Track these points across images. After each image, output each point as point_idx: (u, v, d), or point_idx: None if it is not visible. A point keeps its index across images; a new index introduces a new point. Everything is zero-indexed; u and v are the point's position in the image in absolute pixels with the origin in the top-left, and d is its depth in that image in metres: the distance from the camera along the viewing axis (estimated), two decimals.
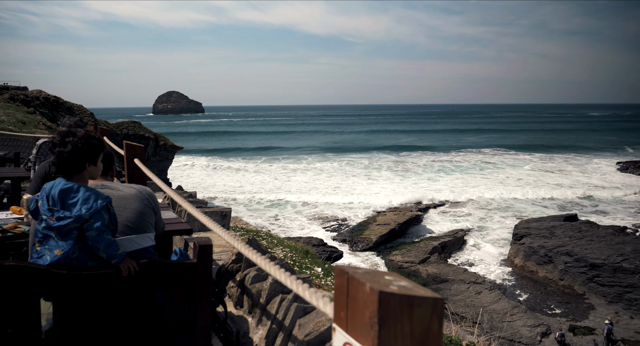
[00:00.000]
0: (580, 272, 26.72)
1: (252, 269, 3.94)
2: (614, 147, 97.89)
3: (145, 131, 42.79)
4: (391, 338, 1.12)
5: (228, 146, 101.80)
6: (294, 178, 59.87)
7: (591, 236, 29.41)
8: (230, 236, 2.75)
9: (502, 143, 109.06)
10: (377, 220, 37.90)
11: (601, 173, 65.90)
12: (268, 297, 3.55)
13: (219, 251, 6.29)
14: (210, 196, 49.03)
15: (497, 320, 21.70)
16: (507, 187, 54.96)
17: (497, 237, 36.32)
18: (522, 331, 21.00)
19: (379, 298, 1.10)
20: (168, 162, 45.41)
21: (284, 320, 3.22)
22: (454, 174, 64.31)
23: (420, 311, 1.14)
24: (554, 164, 75.04)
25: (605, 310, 24.05)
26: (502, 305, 23.13)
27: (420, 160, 78.78)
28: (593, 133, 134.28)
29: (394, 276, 1.30)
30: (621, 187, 54.22)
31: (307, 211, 43.43)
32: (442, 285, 26.44)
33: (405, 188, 54.23)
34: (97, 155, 2.97)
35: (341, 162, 75.70)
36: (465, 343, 6.37)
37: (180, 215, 8.22)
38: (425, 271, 28.70)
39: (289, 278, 1.83)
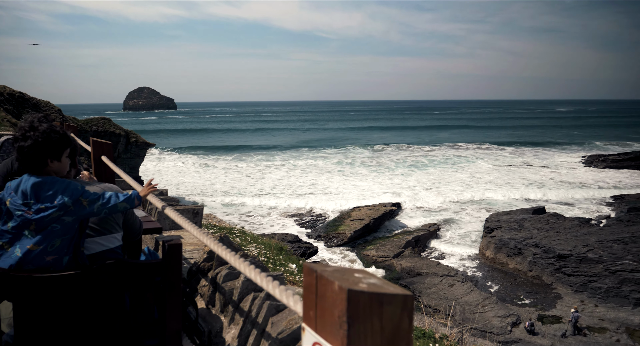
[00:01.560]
0: (548, 263, 27.47)
1: (224, 267, 3.88)
2: (579, 142, 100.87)
3: (116, 128, 41.74)
4: (361, 337, 1.10)
5: (201, 143, 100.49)
6: (268, 175, 59.58)
7: (558, 228, 30.26)
8: (202, 234, 2.69)
9: (474, 138, 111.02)
10: (352, 215, 38.08)
11: (567, 167, 67.85)
12: (240, 295, 3.50)
13: (191, 249, 6.19)
14: (182, 193, 48.37)
15: (469, 311, 22.13)
16: (479, 181, 56.02)
17: (469, 231, 36.98)
18: (494, 322, 21.47)
19: (348, 297, 1.08)
20: (139, 159, 44.47)
21: (257, 318, 3.18)
22: (428, 169, 65.13)
23: (390, 309, 1.13)
24: (524, 158, 76.85)
25: (572, 299, 24.80)
26: (474, 296, 23.59)
27: (394, 155, 79.48)
28: (560, 129, 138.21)
29: (364, 274, 1.28)
30: (585, 180, 55.99)
31: (282, 207, 43.30)
32: (415, 278, 26.78)
33: (380, 183, 54.66)
34: (60, 150, 2.85)
35: (315, 158, 75.71)
36: (438, 335, 6.46)
37: (150, 214, 8.06)
38: (400, 265, 29.01)
39: (259, 275, 1.80)
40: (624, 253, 25.49)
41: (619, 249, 25.94)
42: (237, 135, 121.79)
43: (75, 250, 2.81)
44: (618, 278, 24.51)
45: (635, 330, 21.73)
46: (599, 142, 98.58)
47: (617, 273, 24.66)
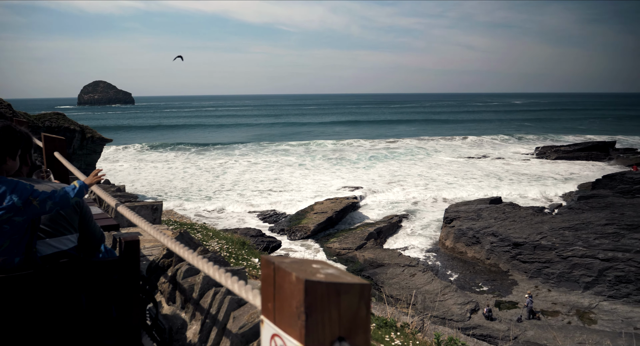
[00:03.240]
0: (504, 251, 28.46)
1: (183, 263, 3.82)
2: (533, 133, 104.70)
3: (70, 123, 40.10)
4: (319, 327, 1.11)
5: (159, 138, 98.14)
6: (229, 170, 58.91)
7: (514, 217, 31.37)
8: (156, 231, 2.63)
9: (434, 131, 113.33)
10: (315, 208, 38.20)
11: (522, 158, 70.39)
12: (201, 291, 3.46)
13: (150, 246, 6.06)
14: (141, 190, 47.19)
15: (430, 300, 22.69)
16: (439, 173, 57.29)
17: (429, 221, 37.82)
18: (453, 309, 22.09)
19: (305, 287, 1.09)
20: (96, 156, 42.98)
21: (218, 313, 3.15)
22: (389, 162, 66.04)
23: (347, 298, 1.14)
24: (482, 150, 79.11)
25: (527, 285, 25.83)
26: (434, 285, 24.18)
27: (355, 148, 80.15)
28: (516, 121, 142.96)
29: (322, 265, 1.29)
30: (539, 171, 58.26)
31: (244, 202, 42.94)
32: (378, 269, 27.20)
33: (341, 177, 55.05)
34: (16, 149, 2.80)
35: (277, 153, 75.42)
36: (400, 324, 6.60)
37: (107, 211, 7.84)
38: (362, 257, 29.37)
39: (217, 271, 1.78)
40: (574, 240, 26.71)
41: (570, 236, 27.16)
42: (197, 130, 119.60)
43: (27, 251, 2.71)
44: (569, 263, 25.67)
45: (584, 312, 22.87)
46: (552, 134, 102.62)
47: (568, 259, 25.83)
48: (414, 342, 5.95)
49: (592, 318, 22.37)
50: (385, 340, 5.70)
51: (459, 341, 6.85)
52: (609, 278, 24.22)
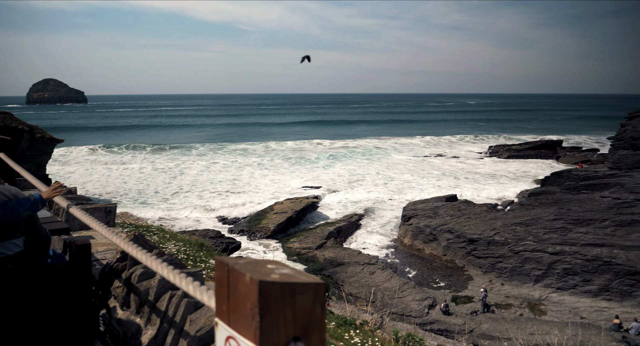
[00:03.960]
0: (460, 247, 29.28)
1: (138, 267, 3.73)
2: (486, 133, 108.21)
3: (18, 123, 38.18)
4: (273, 327, 1.11)
5: (114, 139, 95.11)
6: (186, 171, 57.79)
7: (469, 214, 32.32)
8: (111, 233, 2.56)
9: (392, 131, 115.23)
10: (274, 208, 38.05)
11: (476, 157, 72.65)
12: (157, 295, 3.38)
13: (103, 250, 5.87)
14: (94, 192, 45.59)
15: (389, 297, 23.06)
16: (397, 172, 58.28)
17: (388, 219, 38.41)
18: (412, 306, 22.54)
19: (260, 288, 1.09)
20: (46, 157, 41.12)
21: (175, 317, 3.10)
22: (348, 161, 66.61)
23: (302, 298, 1.15)
24: (437, 150, 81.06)
25: (481, 280, 26.69)
26: (393, 282, 24.58)
27: (315, 148, 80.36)
28: (470, 121, 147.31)
29: (277, 265, 1.29)
30: (492, 169, 60.32)
31: (202, 203, 42.24)
32: (338, 268, 27.39)
33: (301, 177, 55.08)
34: None
35: (236, 153, 74.64)
36: (359, 321, 6.67)
37: (58, 214, 7.54)
38: (323, 256, 29.49)
39: (172, 273, 1.75)
40: (525, 235, 27.81)
41: (522, 231, 28.26)
42: (153, 130, 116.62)
43: None
44: (521, 257, 26.70)
45: (535, 304, 23.85)
46: (504, 133, 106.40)
47: (520, 254, 26.86)
48: (373, 339, 6.03)
49: (542, 309, 23.36)
50: (345, 338, 5.75)
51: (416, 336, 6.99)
52: (558, 271, 25.36)
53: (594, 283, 24.28)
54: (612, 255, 24.50)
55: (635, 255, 24.21)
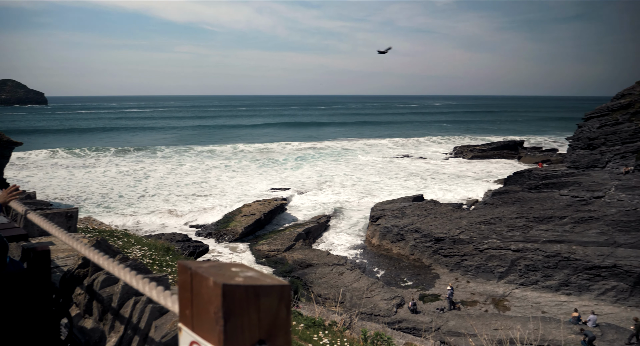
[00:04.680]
0: (427, 246, 29.77)
1: (101, 273, 3.63)
2: (451, 134, 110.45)
3: None
4: (238, 331, 1.10)
5: (77, 141, 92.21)
6: (152, 173, 56.62)
7: (435, 213, 32.89)
8: (71, 239, 2.48)
9: (360, 132, 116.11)
10: (243, 211, 37.74)
11: (441, 158, 74.03)
12: (120, 301, 3.30)
13: (64, 256, 5.69)
14: (55, 196, 44.10)
15: (358, 297, 23.22)
16: (364, 173, 58.76)
17: (356, 220, 38.67)
18: (380, 305, 22.76)
19: (223, 292, 1.08)
20: (4, 160, 39.46)
21: (139, 323, 3.03)
22: (316, 162, 66.72)
23: (267, 300, 1.15)
24: (404, 151, 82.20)
25: (448, 278, 27.20)
26: (362, 282, 24.76)
27: (283, 149, 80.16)
28: (436, 123, 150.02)
29: (241, 268, 1.28)
30: (457, 169, 61.62)
31: (169, 207, 41.49)
32: (307, 269, 27.39)
33: (269, 178, 54.84)
34: None
35: (203, 155, 73.65)
36: (328, 322, 6.68)
37: (15, 220, 7.27)
38: (292, 257, 29.43)
39: (135, 278, 1.72)
40: (489, 233, 28.52)
41: (486, 230, 28.96)
42: (117, 133, 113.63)
43: None
44: (485, 255, 27.37)
45: (499, 300, 24.49)
46: (468, 134, 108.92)
47: (484, 251, 27.52)
48: (342, 339, 6.06)
49: (506, 305, 24.00)
50: (314, 339, 5.76)
51: (384, 335, 7.06)
52: (520, 268, 26.11)
53: (554, 278, 25.12)
54: (570, 251, 25.41)
55: (592, 250, 25.18)
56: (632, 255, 24.28)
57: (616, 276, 23.73)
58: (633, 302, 23.05)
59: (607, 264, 24.04)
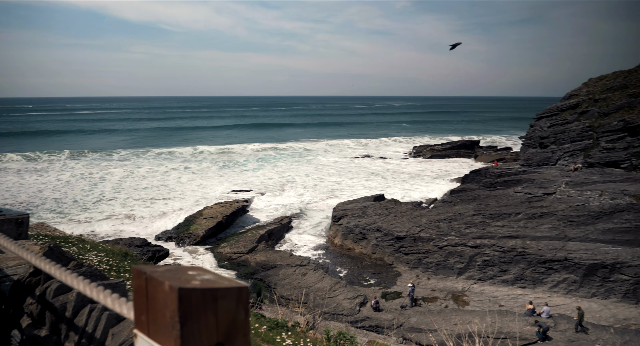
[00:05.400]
0: (388, 245, 30.20)
1: (53, 281, 3.50)
2: (410, 134, 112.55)
3: None
4: (195, 335, 1.09)
5: (27, 144, 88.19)
6: (108, 177, 54.90)
7: (396, 212, 33.41)
8: (18, 247, 2.38)
9: (321, 132, 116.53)
10: (204, 213, 37.16)
11: (401, 158, 75.29)
12: (75, 309, 3.19)
13: (14, 264, 5.44)
14: (5, 202, 42.06)
15: (321, 297, 23.29)
16: (326, 173, 59.01)
17: (318, 221, 38.79)
18: (344, 304, 22.92)
19: (179, 296, 1.07)
20: None
21: (95, 331, 2.94)
22: (277, 163, 66.49)
23: (225, 303, 1.14)
24: (365, 151, 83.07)
25: (409, 275, 27.69)
26: (325, 282, 24.86)
27: (243, 151, 79.44)
28: (395, 123, 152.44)
29: (198, 271, 1.27)
30: (416, 168, 62.84)
31: (127, 211, 40.35)
32: (270, 271, 27.25)
33: (230, 180, 54.22)
34: None
35: (161, 157, 72.02)
36: (291, 323, 6.67)
37: None
38: (254, 260, 29.21)
39: (88, 285, 1.67)
40: (448, 230, 29.22)
41: (445, 227, 29.66)
42: (71, 136, 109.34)
43: None
44: (445, 252, 28.02)
45: (459, 296, 25.13)
46: (427, 134, 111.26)
47: (444, 248, 28.18)
48: (305, 340, 6.07)
49: (465, 300, 24.65)
50: (277, 341, 5.74)
51: (347, 334, 7.12)
52: (478, 263, 26.89)
53: (510, 272, 26.01)
54: (525, 246, 26.37)
55: (545, 244, 26.23)
56: (582, 248, 25.46)
57: (567, 268, 24.81)
58: (583, 293, 24.17)
59: (559, 257, 25.10)
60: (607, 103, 42.99)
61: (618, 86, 44.47)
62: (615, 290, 23.54)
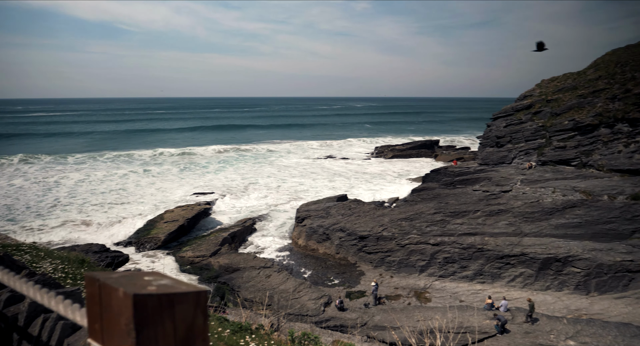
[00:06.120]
0: (352, 244, 30.45)
1: (4, 291, 3.35)
2: (372, 134, 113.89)
3: None
4: (151, 342, 1.08)
5: None
6: (63, 181, 52.92)
7: (359, 212, 33.72)
8: None
9: (283, 134, 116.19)
10: (165, 217, 36.38)
11: (363, 158, 76.05)
12: (27, 319, 3.07)
13: None
14: None
15: (286, 298, 23.24)
16: (290, 174, 58.90)
17: (282, 222, 38.67)
18: (308, 305, 22.94)
19: (134, 302, 1.06)
20: None
21: (49, 341, 2.84)
22: (240, 165, 65.88)
23: (182, 308, 1.13)
24: (328, 151, 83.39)
25: (372, 274, 28.01)
26: (289, 284, 24.82)
27: (205, 153, 78.25)
28: (357, 124, 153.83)
29: (155, 276, 1.25)
30: (378, 168, 63.64)
31: (83, 217, 39.02)
32: (234, 274, 26.97)
33: (192, 182, 53.31)
34: None
35: (119, 160, 70.03)
36: (255, 326, 6.63)
37: None
38: (217, 263, 28.83)
39: (39, 293, 1.61)
40: (410, 229, 29.73)
41: (407, 226, 30.16)
42: (23, 139, 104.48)
43: None
44: (407, 250, 28.50)
45: (421, 293, 25.61)
46: (388, 135, 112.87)
47: (406, 247, 28.66)
48: (269, 342, 6.04)
49: (427, 297, 25.16)
50: (240, 344, 5.69)
51: (311, 335, 7.14)
52: (439, 260, 27.49)
53: (470, 268, 26.72)
54: (483, 242, 27.16)
55: (502, 240, 27.10)
56: (537, 243, 26.45)
57: (523, 263, 25.72)
58: (538, 286, 25.11)
59: (515, 252, 25.99)
60: (558, 103, 44.82)
61: (568, 87, 46.46)
62: (568, 283, 24.58)
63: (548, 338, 18.39)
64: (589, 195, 30.32)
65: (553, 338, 18.34)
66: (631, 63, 44.61)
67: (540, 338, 18.46)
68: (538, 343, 18.18)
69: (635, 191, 29.54)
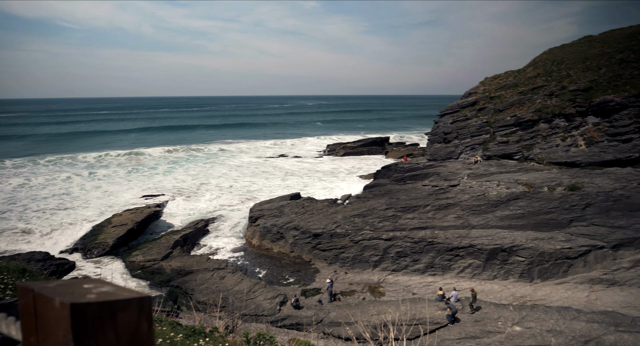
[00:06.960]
0: (306, 242, 30.52)
1: None
2: (324, 133, 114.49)
3: None
4: None
5: None
6: (0, 187, 49.93)
7: (312, 210, 33.84)
8: None
9: (234, 133, 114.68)
10: (113, 221, 35.09)
11: (315, 156, 76.32)
12: None
13: None
14: None
15: (240, 299, 23.00)
16: (239, 174, 58.23)
17: (235, 222, 38.20)
18: (264, 305, 22.82)
19: (72, 312, 1.02)
20: None
21: None
22: (190, 165, 64.49)
23: (125, 316, 1.10)
24: (280, 150, 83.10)
25: (327, 271, 28.21)
26: (244, 284, 24.58)
27: (153, 155, 76.03)
28: (309, 122, 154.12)
29: (95, 283, 1.21)
30: (330, 166, 64.08)
31: (24, 224, 36.99)
32: (187, 277, 26.41)
33: (140, 185, 51.69)
34: None
35: (61, 164, 66.84)
36: (209, 329, 6.52)
37: None
38: (169, 266, 28.14)
39: None
40: (363, 225, 30.15)
41: (360, 222, 30.56)
42: None
43: None
44: (360, 246, 28.88)
45: (375, 287, 26.04)
46: (340, 132, 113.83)
47: (359, 243, 29.03)
48: (224, 345, 5.96)
49: (381, 291, 25.61)
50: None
51: (267, 335, 7.11)
52: (392, 255, 28.04)
53: (421, 261, 27.43)
54: (434, 236, 27.95)
55: (451, 233, 27.98)
56: (483, 235, 27.51)
57: (472, 254, 26.67)
58: (486, 276, 26.12)
59: (464, 244, 26.91)
60: (500, 100, 46.71)
61: (510, 84, 48.52)
62: (513, 271, 25.71)
63: (496, 325, 19.18)
64: (530, 187, 31.80)
65: (500, 324, 19.14)
66: (566, 61, 47.14)
67: (488, 326, 19.22)
68: (487, 331, 18.93)
69: (572, 182, 31.26)
